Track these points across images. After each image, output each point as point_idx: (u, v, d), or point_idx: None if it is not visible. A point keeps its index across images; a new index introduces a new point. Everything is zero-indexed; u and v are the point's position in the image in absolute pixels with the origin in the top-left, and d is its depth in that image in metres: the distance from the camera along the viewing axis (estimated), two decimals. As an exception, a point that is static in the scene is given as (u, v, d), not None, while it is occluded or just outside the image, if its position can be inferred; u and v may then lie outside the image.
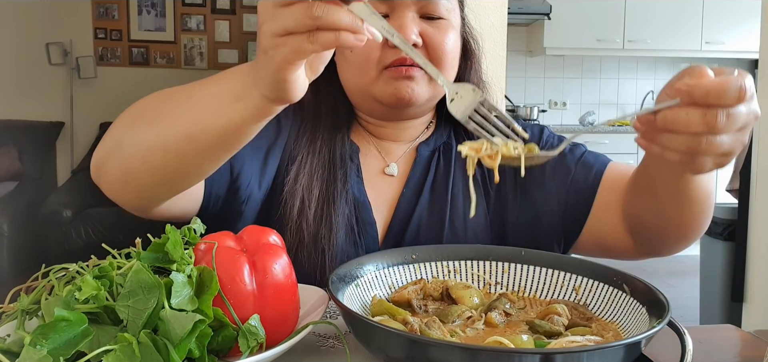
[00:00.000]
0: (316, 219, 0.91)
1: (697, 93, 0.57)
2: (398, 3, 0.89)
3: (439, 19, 0.92)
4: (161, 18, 4.74)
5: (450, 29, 0.93)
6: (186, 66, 4.78)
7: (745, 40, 4.77)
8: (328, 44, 0.58)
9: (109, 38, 4.68)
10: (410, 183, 0.99)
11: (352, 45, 0.59)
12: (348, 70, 0.95)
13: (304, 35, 0.57)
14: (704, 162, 0.61)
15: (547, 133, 1.05)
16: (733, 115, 0.58)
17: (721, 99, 0.57)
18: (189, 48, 4.78)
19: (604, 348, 0.53)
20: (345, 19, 0.57)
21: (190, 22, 4.76)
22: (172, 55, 4.77)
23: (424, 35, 0.91)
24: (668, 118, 0.59)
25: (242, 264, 0.60)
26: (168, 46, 4.76)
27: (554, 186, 0.96)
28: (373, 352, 0.60)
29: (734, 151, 0.61)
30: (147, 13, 4.72)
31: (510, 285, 0.78)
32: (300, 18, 0.57)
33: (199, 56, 4.79)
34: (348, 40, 0.58)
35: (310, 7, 0.56)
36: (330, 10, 0.57)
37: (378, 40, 0.62)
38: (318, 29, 0.57)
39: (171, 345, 0.51)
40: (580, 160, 0.97)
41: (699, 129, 0.58)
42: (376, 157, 1.01)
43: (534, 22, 4.86)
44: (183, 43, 4.77)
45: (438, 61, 0.91)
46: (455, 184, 1.00)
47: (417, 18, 0.91)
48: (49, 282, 0.58)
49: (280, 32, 0.58)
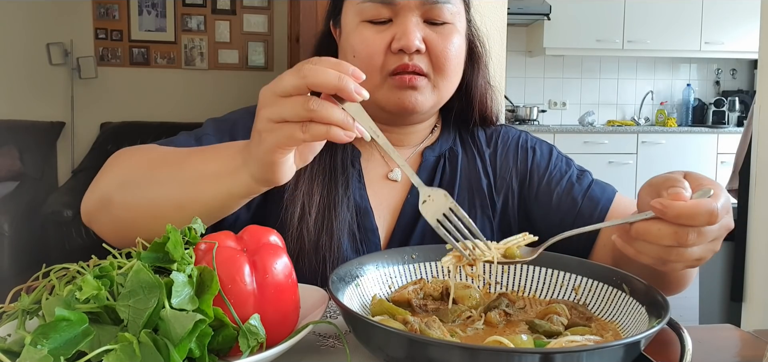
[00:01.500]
0: (317, 226, 0.90)
1: (670, 214, 0.61)
2: (402, 8, 0.89)
3: (443, 24, 0.91)
4: (162, 18, 4.74)
5: (454, 34, 0.91)
6: (186, 66, 4.79)
7: (745, 40, 4.77)
8: (318, 136, 0.62)
9: (109, 38, 4.68)
10: (415, 188, 0.96)
11: (341, 140, 0.63)
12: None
13: (297, 124, 0.62)
14: (675, 267, 0.66)
15: (555, 154, 1.04)
16: (704, 232, 0.62)
17: (692, 221, 0.61)
18: (189, 48, 4.78)
19: (603, 348, 0.53)
20: (337, 115, 0.62)
21: (191, 23, 4.76)
22: (172, 55, 4.77)
23: (428, 41, 0.89)
24: (641, 230, 0.64)
25: (242, 264, 0.60)
26: (168, 47, 4.76)
27: (558, 218, 0.96)
28: (373, 352, 0.60)
29: (704, 258, 0.65)
30: (147, 13, 4.72)
31: (510, 285, 0.78)
32: (296, 108, 0.62)
33: (200, 56, 4.79)
34: (338, 134, 0.62)
35: (307, 101, 0.61)
36: (324, 105, 0.62)
37: (366, 139, 0.66)
38: (311, 121, 0.62)
39: (171, 345, 0.51)
40: (587, 193, 0.97)
41: (670, 243, 0.63)
42: (379, 162, 1.00)
43: (534, 23, 4.86)
44: (183, 43, 4.77)
45: (441, 67, 0.90)
46: (461, 192, 0.99)
47: (421, 23, 0.90)
48: (49, 282, 0.59)
49: (277, 119, 0.63)
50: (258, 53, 4.84)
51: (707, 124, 5.10)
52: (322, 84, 0.62)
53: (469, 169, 1.01)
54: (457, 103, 1.01)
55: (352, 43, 0.91)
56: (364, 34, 0.90)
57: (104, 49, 4.68)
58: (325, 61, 0.63)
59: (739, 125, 4.93)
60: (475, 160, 1.02)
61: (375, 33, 0.89)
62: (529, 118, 4.95)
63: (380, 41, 0.89)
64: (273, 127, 0.64)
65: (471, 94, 1.01)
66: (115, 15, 4.67)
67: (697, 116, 5.21)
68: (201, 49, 4.79)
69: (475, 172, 1.01)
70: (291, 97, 0.63)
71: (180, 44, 4.77)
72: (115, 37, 4.69)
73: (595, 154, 4.65)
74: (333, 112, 0.62)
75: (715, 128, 4.93)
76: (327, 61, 0.64)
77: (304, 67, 0.63)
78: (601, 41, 4.79)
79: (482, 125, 1.06)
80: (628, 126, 4.96)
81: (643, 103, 5.30)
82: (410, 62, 0.88)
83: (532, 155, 1.03)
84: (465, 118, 1.04)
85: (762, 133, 2.14)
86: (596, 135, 4.74)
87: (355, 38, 0.90)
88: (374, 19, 0.90)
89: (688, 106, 5.23)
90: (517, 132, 1.07)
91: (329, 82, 0.62)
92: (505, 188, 1.01)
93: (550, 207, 0.97)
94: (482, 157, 1.03)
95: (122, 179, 0.80)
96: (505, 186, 1.01)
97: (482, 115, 1.03)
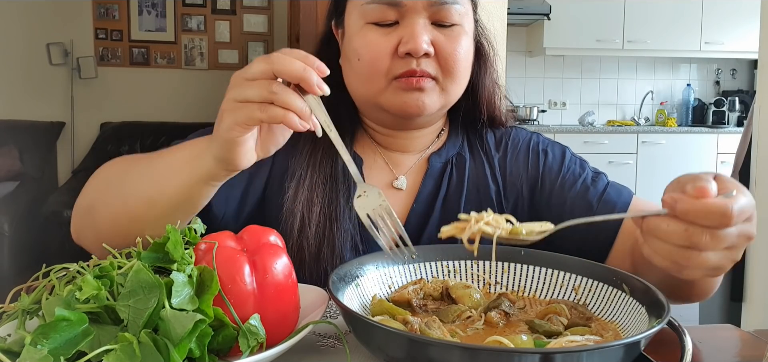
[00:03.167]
0: (318, 237, 0.88)
1: (679, 208, 0.56)
2: (409, 10, 0.85)
3: (451, 26, 0.87)
4: (162, 18, 4.74)
5: (462, 36, 0.88)
6: (186, 66, 4.78)
7: (745, 40, 4.77)
8: (275, 118, 0.66)
9: (109, 38, 4.68)
10: (421, 196, 0.94)
11: (296, 127, 0.67)
12: (354, 79, 0.91)
13: (257, 105, 0.66)
14: (691, 273, 0.59)
15: (568, 156, 0.99)
16: (718, 236, 0.56)
17: (703, 220, 0.56)
18: (189, 48, 4.78)
19: (603, 348, 0.53)
20: (296, 103, 0.66)
21: (191, 23, 4.76)
22: (172, 55, 4.77)
23: (436, 44, 0.86)
24: (651, 226, 0.59)
25: (242, 264, 0.60)
26: (168, 47, 4.76)
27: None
28: (373, 352, 0.60)
29: (723, 267, 0.59)
30: (147, 13, 4.72)
31: (510, 284, 0.78)
32: (259, 90, 0.66)
33: (200, 56, 4.79)
34: (294, 121, 0.66)
35: (270, 84, 0.66)
36: (286, 90, 0.66)
37: (318, 134, 0.70)
38: (272, 104, 0.65)
39: (171, 345, 0.51)
40: (602, 196, 0.92)
41: (680, 242, 0.57)
42: (383, 169, 0.97)
43: (534, 23, 4.86)
44: (183, 43, 4.77)
45: (449, 70, 0.87)
46: (469, 199, 0.95)
47: (428, 25, 0.86)
48: (49, 282, 0.59)
49: (240, 99, 0.67)
50: (258, 53, 4.83)
51: (707, 124, 5.10)
52: (287, 72, 0.66)
53: (476, 175, 0.97)
54: (464, 103, 0.98)
55: (356, 46, 0.88)
56: (369, 37, 0.87)
57: (104, 49, 4.68)
58: (295, 52, 0.67)
59: (739, 125, 4.92)
60: (484, 166, 0.98)
61: (381, 36, 0.86)
62: (529, 118, 4.95)
63: (386, 44, 0.86)
64: (236, 107, 0.67)
65: (478, 95, 0.98)
66: (115, 15, 4.67)
67: (697, 116, 5.21)
68: (201, 49, 4.79)
69: (483, 178, 0.97)
70: (256, 79, 0.66)
71: (180, 44, 4.77)
72: (115, 37, 4.69)
73: (595, 154, 4.65)
74: (293, 98, 0.66)
75: (715, 128, 4.93)
76: (297, 53, 0.67)
77: (273, 55, 0.67)
78: (601, 41, 4.79)
79: (491, 126, 1.02)
80: (628, 126, 4.96)
81: (643, 103, 5.29)
82: (418, 67, 0.85)
83: (543, 158, 0.98)
84: (473, 119, 1.01)
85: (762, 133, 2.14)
86: (596, 135, 4.74)
87: (360, 41, 0.88)
88: (380, 21, 0.86)
89: (688, 106, 5.23)
90: (528, 134, 1.03)
91: (294, 70, 0.66)
92: (514, 195, 0.97)
93: (563, 212, 0.92)
94: (491, 161, 0.99)
95: (100, 185, 0.81)
96: (515, 193, 0.97)
97: (490, 115, 1.00)
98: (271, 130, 0.74)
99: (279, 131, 0.75)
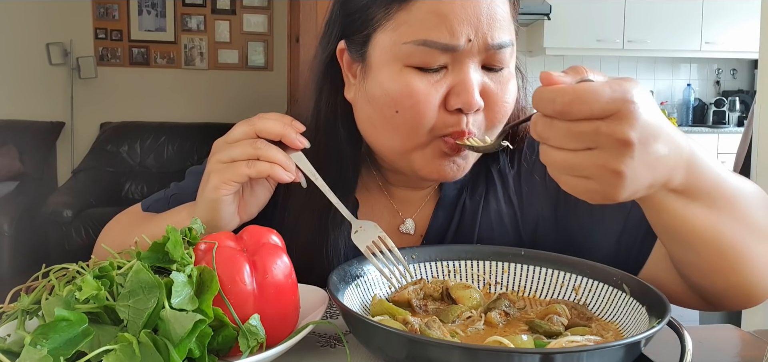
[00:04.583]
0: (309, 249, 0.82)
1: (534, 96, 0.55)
2: (463, 54, 0.71)
3: (500, 70, 0.75)
4: (161, 18, 4.74)
5: (511, 80, 0.77)
6: (186, 66, 4.79)
7: (745, 40, 4.77)
8: (262, 172, 0.70)
9: (109, 38, 4.69)
10: (430, 233, 0.87)
11: (282, 179, 0.71)
12: (383, 129, 0.77)
13: (244, 162, 0.70)
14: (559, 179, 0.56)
15: None
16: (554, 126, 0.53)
17: (536, 105, 0.54)
18: (189, 48, 4.78)
19: (603, 348, 0.53)
20: (279, 156, 0.71)
21: (191, 23, 4.76)
22: (172, 55, 4.77)
23: (486, 93, 0.74)
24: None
25: (242, 264, 0.60)
26: (168, 46, 4.76)
27: (603, 228, 0.81)
28: (373, 352, 0.60)
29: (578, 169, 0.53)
30: (147, 13, 4.72)
31: (510, 285, 0.78)
32: (244, 148, 0.70)
33: (200, 56, 4.79)
34: (280, 174, 0.70)
35: (254, 142, 0.71)
36: (269, 146, 0.71)
37: (303, 186, 0.74)
38: (257, 159, 0.70)
39: (171, 345, 0.51)
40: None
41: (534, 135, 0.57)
42: (387, 212, 0.88)
43: (534, 22, 4.86)
44: (183, 43, 4.77)
45: (494, 122, 0.76)
46: (482, 230, 0.86)
47: (479, 69, 0.73)
48: (49, 282, 0.59)
49: (226, 160, 0.71)
50: (258, 53, 4.84)
51: (707, 123, 5.09)
52: (268, 131, 0.71)
53: (490, 200, 0.87)
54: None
55: (394, 95, 0.73)
56: (414, 86, 0.72)
57: (104, 49, 4.68)
58: (272, 115, 0.73)
59: (739, 125, 4.92)
60: (496, 189, 0.87)
61: (427, 85, 0.72)
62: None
63: (435, 95, 0.72)
64: (223, 167, 0.71)
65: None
66: (114, 15, 4.67)
67: (698, 116, 5.21)
68: (201, 49, 4.79)
69: (496, 203, 0.87)
70: (240, 141, 0.71)
71: (180, 44, 4.77)
72: (114, 36, 4.69)
73: (595, 153, 4.64)
74: (276, 153, 0.70)
75: (716, 128, 4.93)
76: (274, 115, 0.73)
77: (252, 119, 0.72)
78: (601, 41, 4.79)
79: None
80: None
81: (643, 103, 5.29)
82: (467, 126, 0.73)
83: None
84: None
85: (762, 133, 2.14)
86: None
87: (400, 89, 0.72)
88: (425, 66, 0.72)
89: (688, 105, 5.22)
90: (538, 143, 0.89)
91: (275, 129, 0.71)
92: (534, 218, 0.87)
93: (592, 219, 0.81)
94: (505, 181, 0.88)
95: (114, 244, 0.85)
96: (535, 215, 0.86)
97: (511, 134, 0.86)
98: (254, 191, 0.77)
99: (261, 190, 0.78)
